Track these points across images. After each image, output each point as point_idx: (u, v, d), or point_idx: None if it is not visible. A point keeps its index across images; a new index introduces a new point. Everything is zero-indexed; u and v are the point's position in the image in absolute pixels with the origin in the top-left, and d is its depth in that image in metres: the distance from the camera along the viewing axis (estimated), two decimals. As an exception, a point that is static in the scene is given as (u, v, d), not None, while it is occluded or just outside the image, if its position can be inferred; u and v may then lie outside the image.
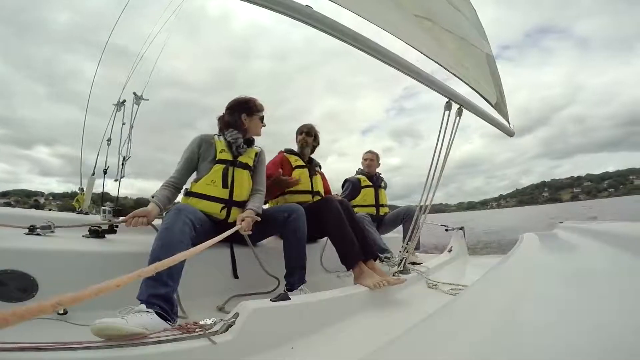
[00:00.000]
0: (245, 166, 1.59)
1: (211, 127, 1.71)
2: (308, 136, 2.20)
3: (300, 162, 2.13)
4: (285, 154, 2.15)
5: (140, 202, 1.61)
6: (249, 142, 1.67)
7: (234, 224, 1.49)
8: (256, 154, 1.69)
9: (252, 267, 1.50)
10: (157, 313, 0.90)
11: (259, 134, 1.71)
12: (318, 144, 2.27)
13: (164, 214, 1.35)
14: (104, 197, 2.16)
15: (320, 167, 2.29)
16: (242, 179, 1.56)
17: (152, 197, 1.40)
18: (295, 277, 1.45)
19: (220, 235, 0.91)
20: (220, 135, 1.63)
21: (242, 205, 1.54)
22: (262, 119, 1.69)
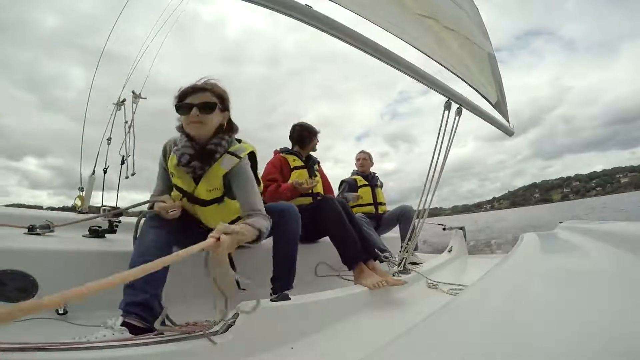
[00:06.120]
0: (203, 203, 1.18)
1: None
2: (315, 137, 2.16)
3: (299, 163, 2.06)
4: (282, 154, 2.09)
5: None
6: (207, 156, 1.14)
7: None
8: (226, 174, 1.16)
9: (246, 269, 1.47)
10: (129, 324, 0.87)
11: (191, 132, 1.14)
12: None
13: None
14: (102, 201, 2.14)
15: (319, 164, 2.24)
16: (207, 215, 1.22)
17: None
18: (279, 281, 1.33)
19: (189, 248, 0.66)
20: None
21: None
22: (179, 107, 1.14)
